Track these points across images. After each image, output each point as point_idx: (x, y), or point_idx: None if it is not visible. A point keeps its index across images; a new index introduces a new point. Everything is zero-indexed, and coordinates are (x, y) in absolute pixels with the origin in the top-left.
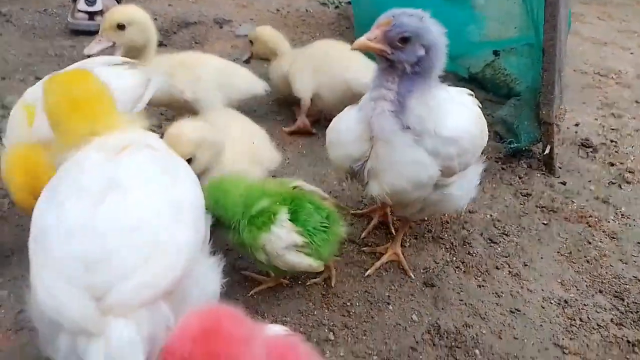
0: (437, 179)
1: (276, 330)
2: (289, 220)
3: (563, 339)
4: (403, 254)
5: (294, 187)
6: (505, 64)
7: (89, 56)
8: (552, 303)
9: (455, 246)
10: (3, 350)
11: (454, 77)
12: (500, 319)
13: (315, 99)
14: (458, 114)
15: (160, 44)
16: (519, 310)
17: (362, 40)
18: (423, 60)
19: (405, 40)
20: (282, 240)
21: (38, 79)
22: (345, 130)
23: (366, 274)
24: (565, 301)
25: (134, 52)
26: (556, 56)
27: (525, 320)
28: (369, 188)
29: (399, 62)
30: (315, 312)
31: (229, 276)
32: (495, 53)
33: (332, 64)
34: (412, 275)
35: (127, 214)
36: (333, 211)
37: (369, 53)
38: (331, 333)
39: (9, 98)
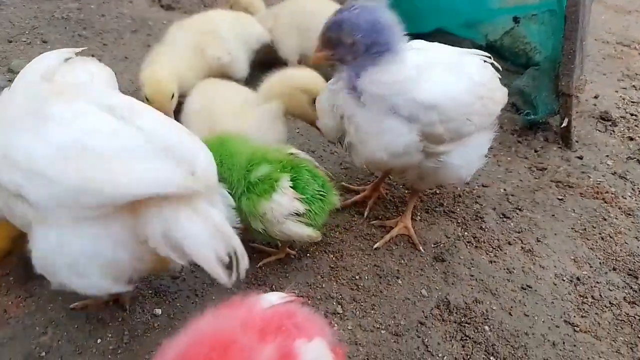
0: (421, 146)
1: (272, 300)
2: (291, 187)
3: (574, 316)
4: (413, 228)
5: (290, 154)
6: (525, 31)
7: None
8: (564, 280)
9: (467, 221)
10: (13, 317)
11: (471, 45)
12: (511, 295)
13: (303, 59)
14: (439, 79)
15: (169, 7)
16: (531, 287)
17: (313, 57)
18: (355, 46)
19: (331, 40)
20: (284, 207)
21: (44, 42)
22: (322, 111)
23: (375, 246)
24: (578, 278)
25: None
26: (579, 24)
27: (537, 297)
28: (352, 159)
29: (341, 57)
30: (323, 285)
31: None
32: (515, 20)
33: (315, 21)
34: (422, 250)
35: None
36: (327, 180)
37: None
38: (339, 306)
39: (15, 62)
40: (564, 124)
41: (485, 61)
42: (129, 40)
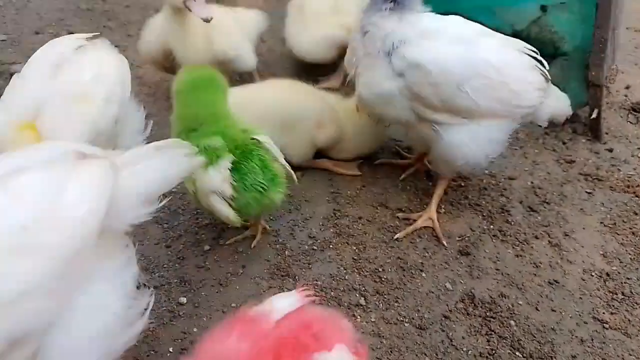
0: (406, 102)
1: (284, 307)
2: (230, 170)
3: (604, 312)
4: (438, 221)
5: (252, 139)
6: (552, 20)
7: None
8: (593, 275)
9: (493, 214)
10: None
11: None
12: (538, 290)
13: None
14: (434, 45)
15: None
16: (558, 282)
17: None
18: None
19: None
20: (212, 184)
21: (70, 33)
22: (349, 48)
23: (396, 237)
24: (607, 274)
25: None
26: (611, 12)
27: (564, 292)
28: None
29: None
30: (346, 277)
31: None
32: (543, 8)
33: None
34: (445, 243)
35: None
36: (279, 176)
37: None
38: (362, 298)
39: None
40: (594, 116)
41: (527, 54)
42: None
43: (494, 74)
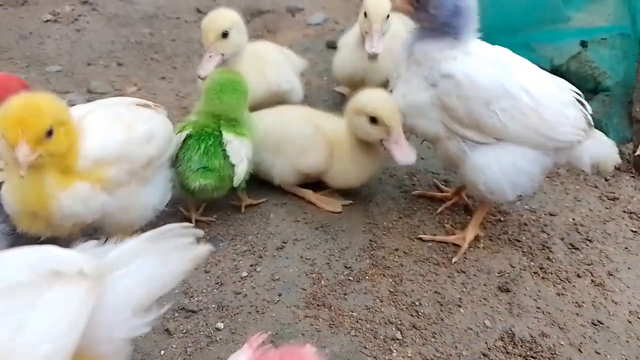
0: (438, 114)
1: None
2: (184, 140)
3: None
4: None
5: (219, 132)
6: (593, 56)
7: (203, 78)
8: (639, 318)
9: (534, 250)
10: None
11: None
12: (581, 330)
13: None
14: (471, 64)
15: None
16: (602, 323)
17: (396, 3)
18: (433, 18)
19: (419, 1)
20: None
21: (120, 64)
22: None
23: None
24: None
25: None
26: None
27: (609, 334)
28: None
29: (418, 18)
30: (382, 310)
31: (297, 267)
32: (583, 44)
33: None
34: (457, 260)
35: None
36: (213, 170)
37: None
38: (399, 332)
39: (94, 83)
40: (638, 152)
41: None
42: (196, 64)
43: (526, 98)
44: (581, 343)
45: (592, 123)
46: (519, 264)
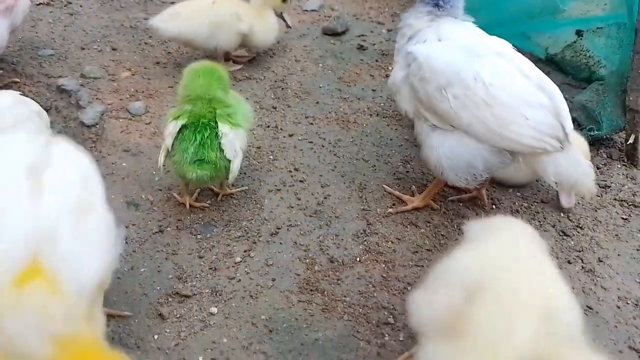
0: (409, 92)
1: None
2: (179, 130)
3: None
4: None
5: (214, 122)
6: (588, 45)
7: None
8: (628, 303)
9: None
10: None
11: (529, 58)
12: None
13: None
14: (439, 47)
15: None
16: (592, 309)
17: None
18: None
19: None
20: (167, 130)
21: (114, 49)
22: None
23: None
24: None
25: None
26: None
27: (599, 319)
28: None
29: None
30: (375, 295)
31: (290, 252)
32: (578, 33)
33: None
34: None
35: None
36: (209, 162)
37: None
38: (391, 316)
39: (88, 67)
40: (631, 141)
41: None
42: (191, 49)
43: (481, 90)
44: None
45: (569, 137)
46: None
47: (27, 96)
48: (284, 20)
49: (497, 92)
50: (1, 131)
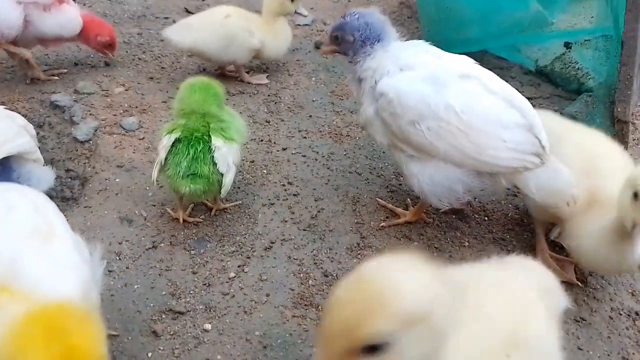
0: (381, 126)
1: None
2: (172, 144)
3: (633, 353)
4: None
5: (207, 136)
6: (577, 57)
7: None
8: (621, 314)
9: (518, 248)
10: None
11: (519, 70)
12: (564, 327)
13: None
14: (404, 78)
15: None
16: (585, 320)
17: (321, 50)
18: (355, 42)
19: (337, 37)
20: (159, 147)
21: (107, 65)
22: None
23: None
24: (637, 313)
25: None
26: (637, 48)
27: (591, 330)
28: None
29: (344, 51)
30: None
31: (284, 267)
32: (567, 45)
33: None
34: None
35: None
36: (202, 177)
37: None
38: None
39: (81, 83)
40: None
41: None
42: (185, 64)
43: (454, 119)
44: (564, 339)
45: (547, 148)
46: None
47: (16, 111)
48: (301, 14)
49: (470, 119)
50: None
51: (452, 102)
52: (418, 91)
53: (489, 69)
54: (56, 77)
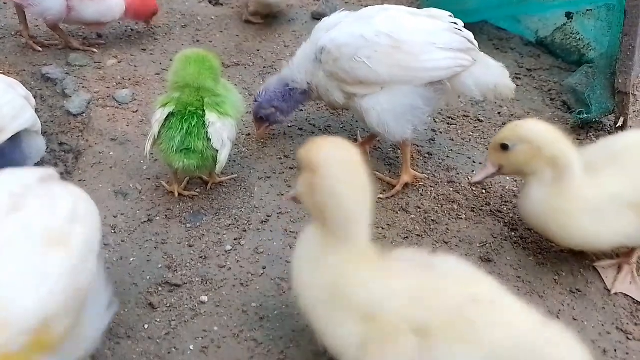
0: (334, 84)
1: None
2: (166, 117)
3: (627, 323)
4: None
5: (201, 111)
6: (578, 27)
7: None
8: None
9: (515, 221)
10: None
11: (519, 41)
12: (559, 298)
13: None
14: (339, 28)
15: (217, 3)
16: (580, 291)
17: (257, 134)
18: (278, 108)
19: (261, 117)
20: (154, 117)
21: (99, 36)
22: None
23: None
24: None
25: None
26: None
27: (587, 301)
28: None
29: (275, 120)
30: None
31: (281, 240)
32: (568, 15)
33: None
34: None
35: None
36: (195, 152)
37: None
38: None
39: (73, 56)
40: (620, 124)
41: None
42: (178, 35)
43: (385, 39)
44: (559, 310)
45: (475, 45)
46: (500, 235)
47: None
48: None
49: (400, 34)
50: (3, 130)
51: (381, 28)
52: (349, 31)
53: (489, 40)
54: (95, 50)
